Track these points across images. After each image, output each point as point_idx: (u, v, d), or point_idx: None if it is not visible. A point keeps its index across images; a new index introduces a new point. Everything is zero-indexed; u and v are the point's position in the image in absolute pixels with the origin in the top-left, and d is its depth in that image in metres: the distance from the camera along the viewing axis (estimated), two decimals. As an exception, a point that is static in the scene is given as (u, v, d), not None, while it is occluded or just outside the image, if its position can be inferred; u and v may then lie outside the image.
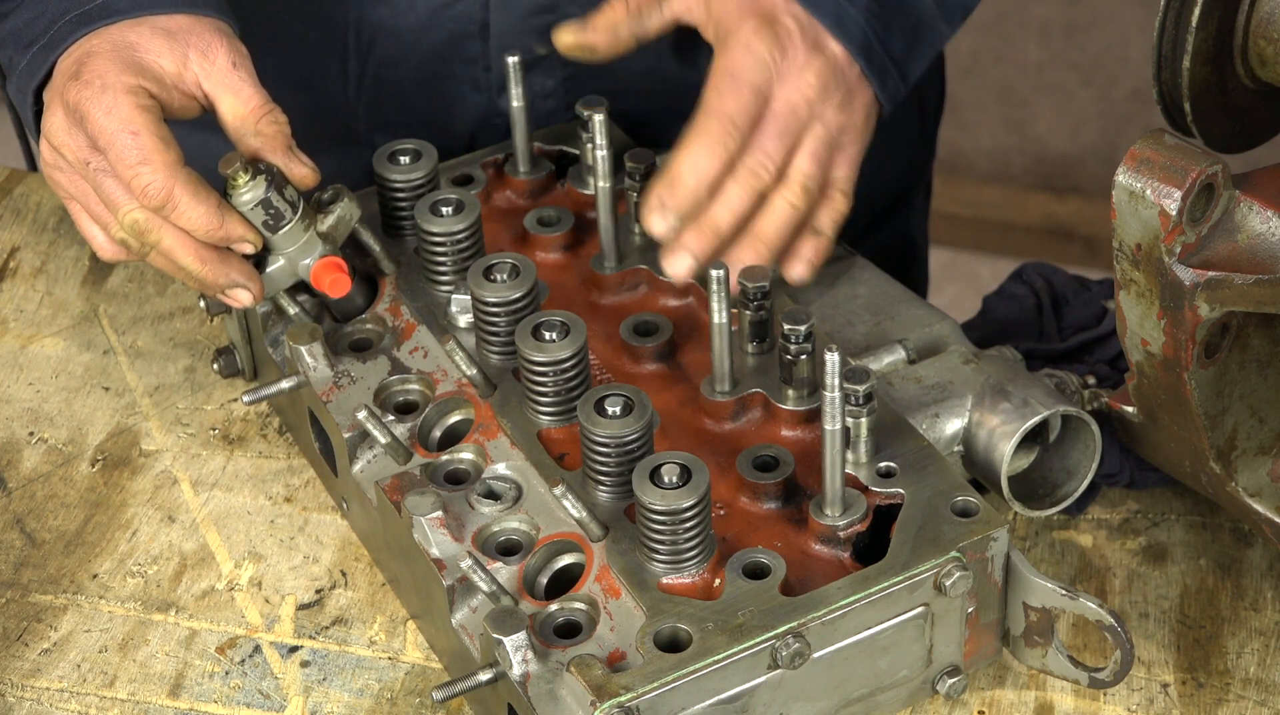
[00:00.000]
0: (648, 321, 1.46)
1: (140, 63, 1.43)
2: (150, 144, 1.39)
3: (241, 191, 1.42)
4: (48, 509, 1.51)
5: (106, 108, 1.40)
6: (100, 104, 1.40)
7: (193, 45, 1.44)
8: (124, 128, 1.39)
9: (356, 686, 1.39)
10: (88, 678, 1.40)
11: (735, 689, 1.25)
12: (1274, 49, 1.28)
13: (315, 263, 1.46)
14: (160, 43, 1.44)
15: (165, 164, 1.39)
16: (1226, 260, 1.26)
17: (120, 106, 1.40)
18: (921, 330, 1.48)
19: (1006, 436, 1.39)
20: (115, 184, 1.41)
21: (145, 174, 1.39)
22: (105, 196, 1.42)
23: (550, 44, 1.67)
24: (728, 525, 1.33)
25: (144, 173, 1.39)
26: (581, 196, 1.57)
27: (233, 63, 1.44)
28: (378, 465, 1.41)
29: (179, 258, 1.43)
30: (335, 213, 1.47)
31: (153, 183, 1.39)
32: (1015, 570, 1.32)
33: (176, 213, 1.40)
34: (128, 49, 1.43)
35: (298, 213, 1.44)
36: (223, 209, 1.41)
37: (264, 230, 1.43)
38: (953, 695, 1.34)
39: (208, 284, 1.44)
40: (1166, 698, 1.37)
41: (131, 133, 1.39)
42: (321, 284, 1.46)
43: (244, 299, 1.45)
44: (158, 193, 1.39)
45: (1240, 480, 1.36)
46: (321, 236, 1.46)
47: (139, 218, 1.41)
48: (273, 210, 1.43)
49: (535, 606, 1.31)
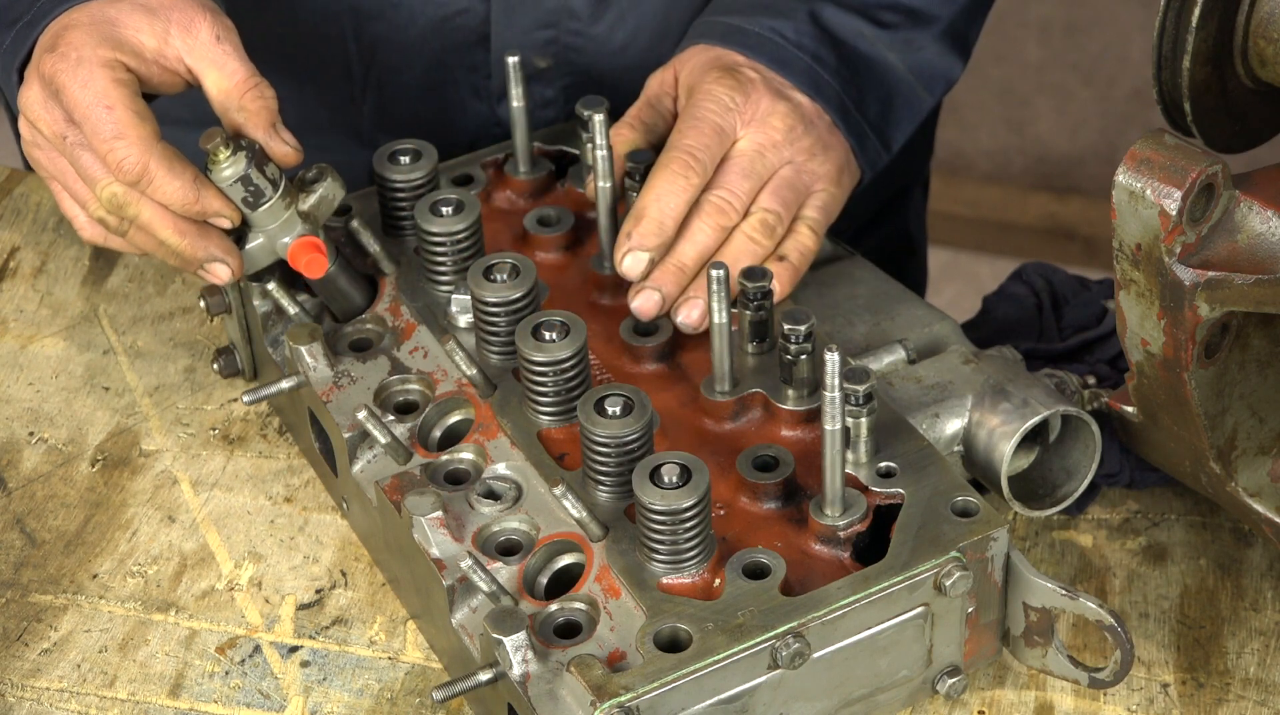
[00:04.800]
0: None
1: (118, 37, 1.41)
2: (125, 118, 1.38)
3: (222, 167, 1.41)
4: (48, 509, 1.51)
5: (82, 81, 1.39)
6: (76, 77, 1.39)
7: (174, 21, 1.43)
8: (99, 101, 1.38)
9: (356, 686, 1.39)
10: (88, 678, 1.40)
11: (735, 689, 1.25)
12: (1274, 49, 1.28)
13: (293, 242, 1.45)
14: (140, 18, 1.42)
15: (140, 138, 1.38)
16: (1226, 260, 1.26)
17: (96, 80, 1.39)
18: (921, 330, 1.48)
19: (1006, 436, 1.39)
20: (91, 159, 1.40)
21: (120, 148, 1.38)
22: (82, 171, 1.41)
23: (550, 57, 1.68)
24: (728, 525, 1.33)
25: (119, 147, 1.38)
26: (581, 196, 1.57)
27: (216, 36, 1.43)
28: (378, 465, 1.41)
29: (157, 231, 1.42)
30: (318, 192, 1.46)
31: (128, 157, 1.38)
32: (1015, 570, 1.32)
33: (152, 187, 1.39)
34: (106, 24, 1.42)
35: (279, 190, 1.43)
36: (199, 183, 1.40)
37: (243, 207, 1.42)
38: (953, 695, 1.34)
39: (186, 258, 1.43)
40: (1166, 698, 1.37)
41: (106, 106, 1.38)
42: (298, 263, 1.45)
43: (222, 274, 1.44)
44: (133, 167, 1.38)
45: (1240, 480, 1.36)
46: (302, 215, 1.45)
47: (116, 192, 1.40)
48: (252, 187, 1.42)
49: (535, 606, 1.31)
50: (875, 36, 1.60)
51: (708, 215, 1.47)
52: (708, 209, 1.47)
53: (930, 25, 1.63)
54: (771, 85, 1.52)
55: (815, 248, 1.50)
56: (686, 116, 1.49)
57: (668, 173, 1.46)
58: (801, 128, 1.51)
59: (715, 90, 1.50)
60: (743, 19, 1.58)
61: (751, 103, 1.50)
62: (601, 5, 1.68)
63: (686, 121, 1.49)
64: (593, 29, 1.69)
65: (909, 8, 1.62)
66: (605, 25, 1.70)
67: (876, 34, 1.60)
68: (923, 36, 1.63)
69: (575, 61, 1.71)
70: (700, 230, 1.47)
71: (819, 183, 1.52)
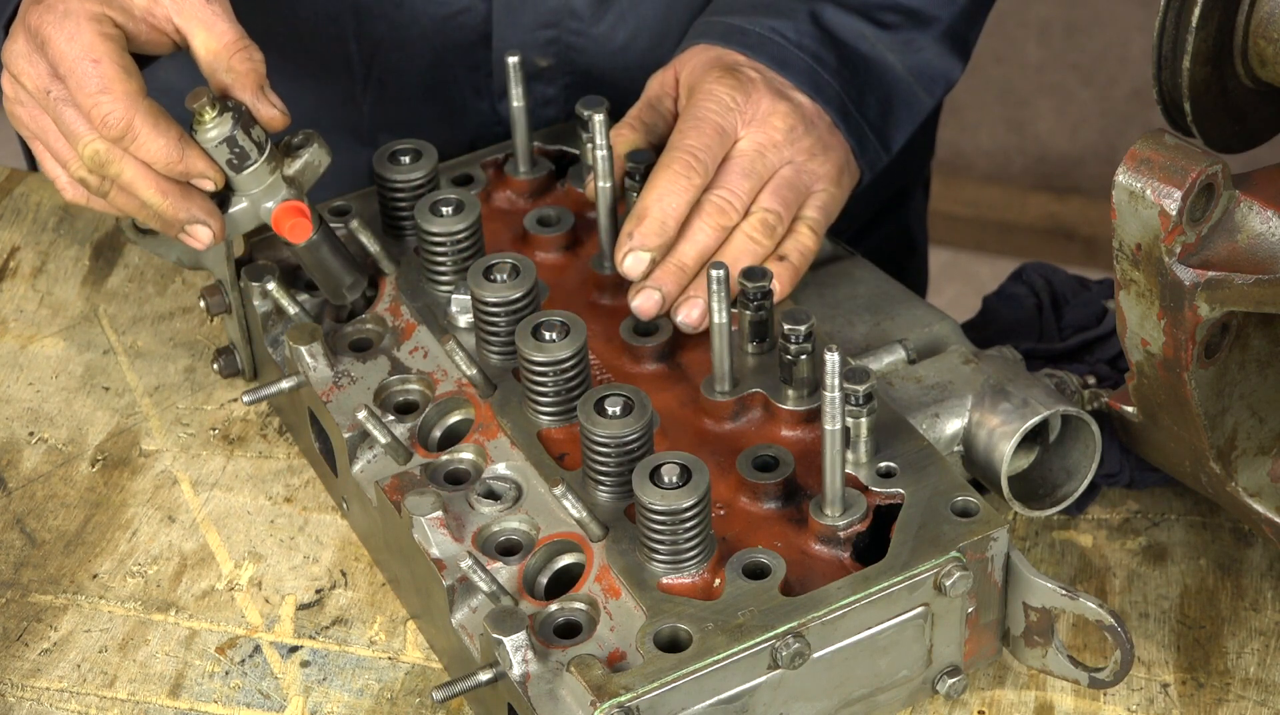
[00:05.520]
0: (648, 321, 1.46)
1: None
2: (111, 72, 1.37)
3: (207, 127, 1.40)
4: (48, 509, 1.51)
5: (69, 34, 1.37)
6: (62, 30, 1.37)
7: None
8: (85, 55, 1.37)
9: (356, 686, 1.39)
10: (88, 678, 1.40)
11: (735, 689, 1.25)
12: (1274, 49, 1.28)
13: (277, 206, 1.44)
14: None
15: (126, 93, 1.37)
16: (1226, 260, 1.26)
17: (83, 33, 1.37)
18: (921, 330, 1.48)
19: (1006, 436, 1.39)
20: (75, 114, 1.38)
21: (105, 103, 1.36)
22: (65, 128, 1.39)
23: (551, 56, 1.68)
24: (728, 525, 1.33)
25: (104, 101, 1.36)
26: (581, 196, 1.57)
27: None
28: (378, 465, 1.41)
29: (139, 190, 1.40)
30: (303, 157, 1.45)
31: (112, 112, 1.36)
32: (1015, 570, 1.32)
33: (136, 144, 1.38)
34: None
35: (264, 154, 1.42)
36: (184, 142, 1.39)
37: (227, 169, 1.41)
38: (953, 695, 1.34)
39: (168, 219, 1.41)
40: (1166, 698, 1.37)
41: (93, 60, 1.37)
42: (282, 228, 1.44)
43: (204, 237, 1.42)
44: (117, 122, 1.37)
45: (1240, 480, 1.36)
46: (287, 180, 1.44)
47: (99, 148, 1.38)
48: (238, 149, 1.40)
49: (535, 606, 1.31)
50: (875, 37, 1.60)
51: (708, 215, 1.47)
52: (708, 209, 1.47)
53: (930, 27, 1.63)
54: (772, 85, 1.52)
55: (815, 248, 1.50)
56: (688, 116, 1.49)
57: (670, 173, 1.46)
58: (802, 128, 1.51)
59: (716, 90, 1.50)
60: (743, 19, 1.58)
61: (752, 103, 1.50)
62: (602, 5, 1.68)
63: (688, 121, 1.49)
64: (594, 29, 1.70)
65: (909, 9, 1.62)
66: (606, 25, 1.70)
67: (877, 35, 1.60)
68: (923, 38, 1.63)
69: (576, 61, 1.71)
70: (701, 230, 1.47)
71: (819, 183, 1.52)
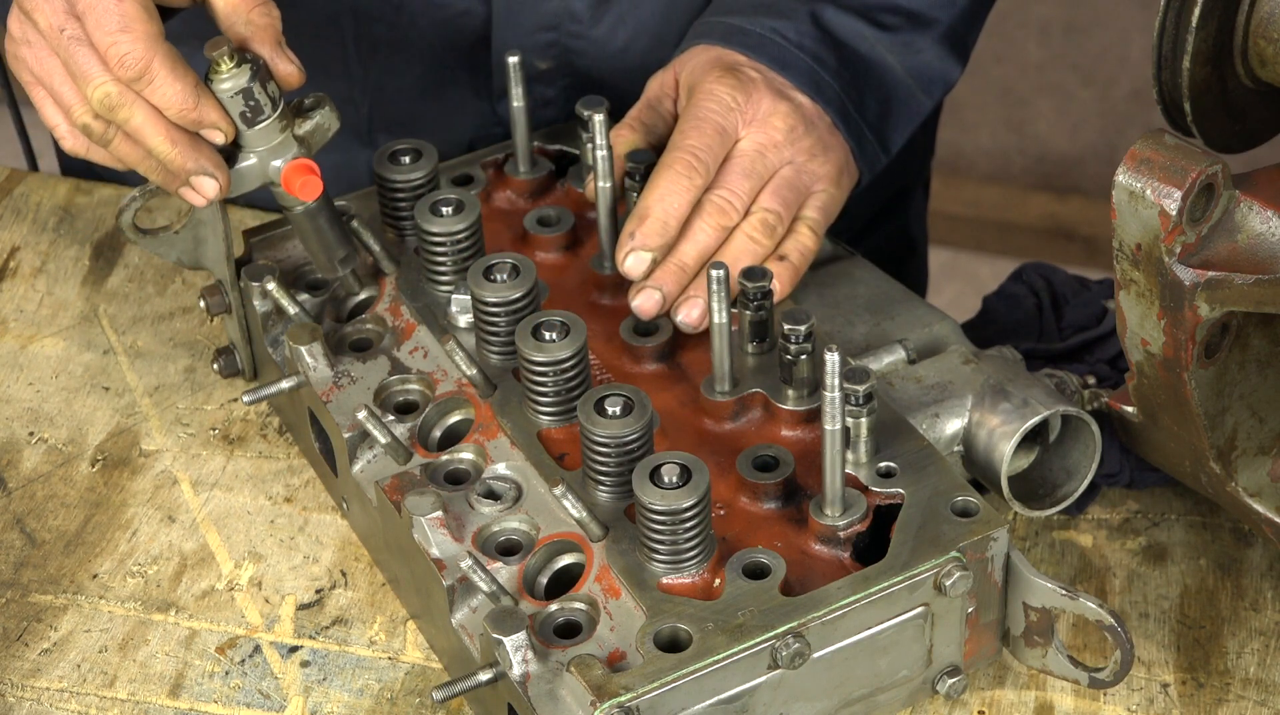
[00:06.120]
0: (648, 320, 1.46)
1: None
2: (133, 11, 1.34)
3: (224, 77, 1.38)
4: (48, 509, 1.51)
5: None
6: None
7: None
8: None
9: (356, 686, 1.39)
10: (88, 678, 1.40)
11: (735, 689, 1.25)
12: (1274, 49, 1.28)
13: (286, 164, 1.42)
14: None
15: (146, 34, 1.35)
16: (1226, 260, 1.26)
17: None
18: (921, 330, 1.48)
19: (1006, 436, 1.39)
20: (89, 54, 1.36)
21: (125, 42, 1.34)
22: (76, 68, 1.36)
23: (551, 59, 1.68)
24: (728, 525, 1.33)
25: (123, 40, 1.34)
26: (581, 196, 1.57)
27: None
28: (378, 465, 1.41)
29: (148, 137, 1.37)
30: (315, 119, 1.44)
31: (131, 51, 1.34)
32: (1015, 570, 1.32)
33: (151, 87, 1.35)
34: None
35: (277, 110, 1.40)
36: (199, 90, 1.37)
37: (240, 122, 1.39)
38: (953, 695, 1.34)
39: (175, 168, 1.39)
40: (1166, 698, 1.37)
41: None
42: (292, 186, 1.42)
43: (209, 190, 1.40)
44: (135, 62, 1.34)
45: (1240, 480, 1.36)
46: (298, 139, 1.43)
47: (110, 91, 1.35)
48: (253, 102, 1.39)
49: (535, 606, 1.31)
50: (875, 38, 1.60)
51: (709, 215, 1.47)
52: (709, 209, 1.47)
53: (930, 28, 1.63)
54: (773, 85, 1.52)
55: (815, 248, 1.50)
56: (688, 116, 1.49)
57: (671, 173, 1.46)
58: (802, 128, 1.51)
59: (717, 90, 1.50)
60: (744, 19, 1.58)
61: (753, 103, 1.50)
62: (602, 7, 1.68)
63: (688, 121, 1.49)
64: (593, 31, 1.69)
65: (909, 10, 1.62)
66: (606, 27, 1.70)
67: (877, 36, 1.61)
68: (922, 39, 1.63)
69: (576, 63, 1.71)
70: (701, 230, 1.47)
71: (819, 183, 1.52)
